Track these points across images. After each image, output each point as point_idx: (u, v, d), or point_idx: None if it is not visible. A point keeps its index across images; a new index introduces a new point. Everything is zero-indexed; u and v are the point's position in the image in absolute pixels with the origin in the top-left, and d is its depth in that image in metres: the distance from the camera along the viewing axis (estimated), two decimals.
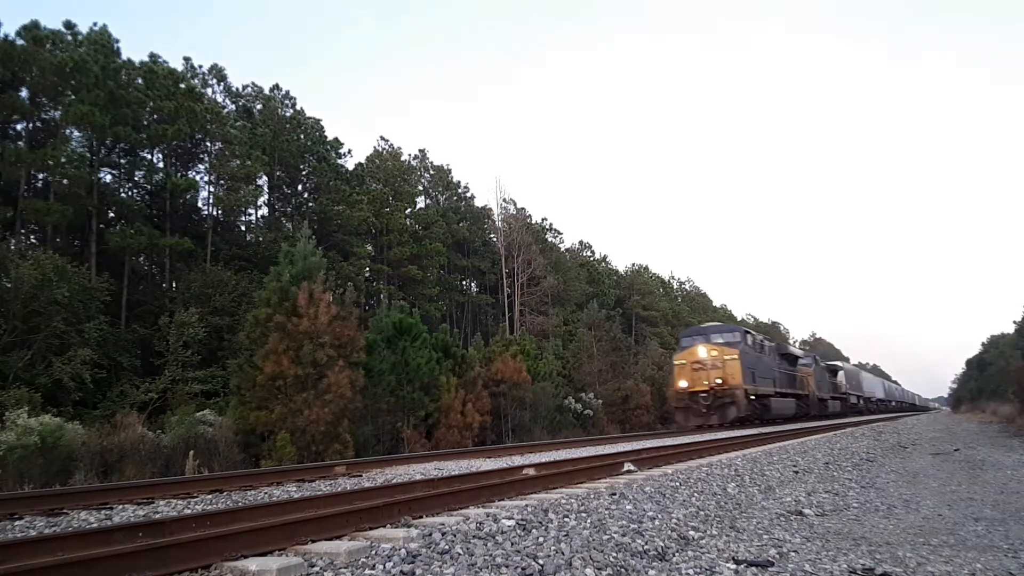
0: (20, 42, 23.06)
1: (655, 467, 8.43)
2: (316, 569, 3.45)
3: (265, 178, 32.73)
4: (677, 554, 4.03)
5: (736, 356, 23.31)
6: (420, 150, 47.59)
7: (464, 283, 44.97)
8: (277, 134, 32.66)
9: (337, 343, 15.25)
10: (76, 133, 24.82)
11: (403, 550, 3.69)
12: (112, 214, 26.11)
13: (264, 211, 35.28)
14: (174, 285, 26.63)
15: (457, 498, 5.49)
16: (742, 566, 3.74)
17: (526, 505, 5.26)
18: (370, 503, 4.94)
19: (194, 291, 23.62)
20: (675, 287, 71.83)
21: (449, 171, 46.43)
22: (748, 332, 26.19)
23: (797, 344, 72.04)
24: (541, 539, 4.09)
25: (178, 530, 4.20)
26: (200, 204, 30.58)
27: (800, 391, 30.81)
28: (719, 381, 22.78)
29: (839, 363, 47.27)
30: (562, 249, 50.56)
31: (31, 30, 23.63)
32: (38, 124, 25.76)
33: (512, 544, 3.95)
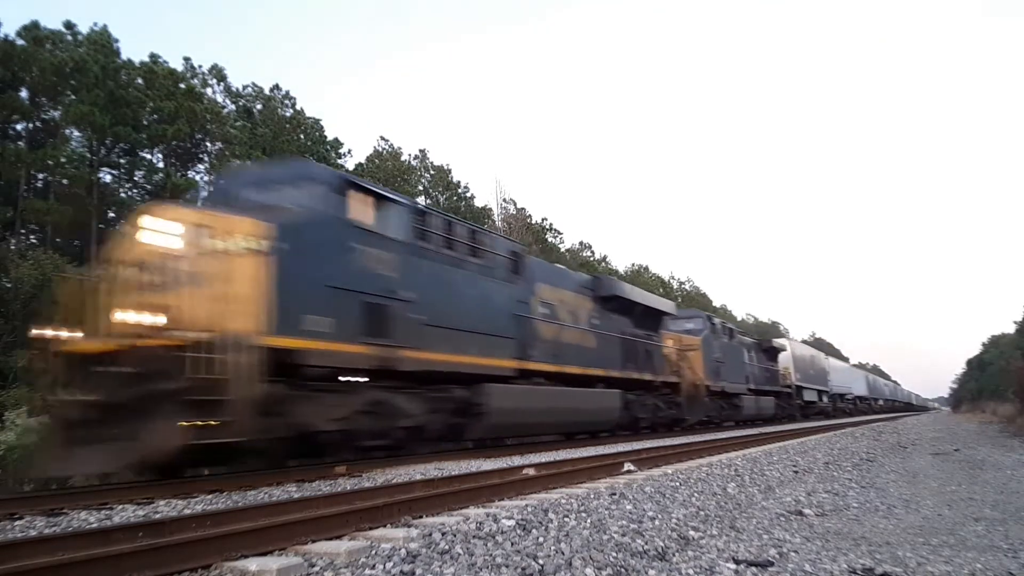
0: (20, 42, 23.06)
1: (655, 467, 8.44)
2: (316, 569, 3.45)
3: None
4: (677, 554, 4.03)
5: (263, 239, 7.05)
6: (420, 150, 47.56)
7: None
8: (277, 134, 32.67)
9: None
10: (76, 133, 24.85)
11: (403, 550, 3.69)
12: (112, 214, 26.12)
13: None
14: None
15: (457, 498, 5.49)
16: (742, 566, 3.74)
17: (526, 505, 5.26)
18: (370, 503, 4.94)
19: None
20: (675, 287, 71.84)
21: (449, 171, 46.40)
22: (391, 198, 9.46)
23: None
24: (541, 539, 4.10)
25: (178, 530, 4.19)
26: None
27: (659, 375, 16.96)
28: (153, 320, 6.61)
29: (784, 340, 33.06)
30: (562, 249, 50.56)
31: (31, 30, 23.65)
32: (38, 124, 25.78)
33: (512, 544, 3.95)
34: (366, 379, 8.61)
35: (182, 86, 28.11)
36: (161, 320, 6.73)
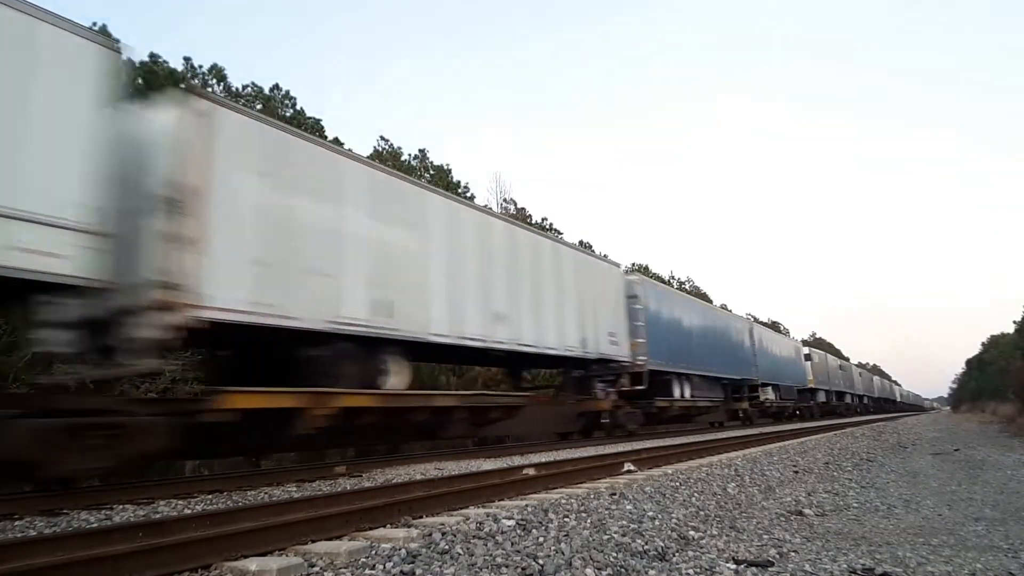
0: None
1: (655, 467, 8.44)
2: (316, 569, 3.46)
3: None
4: (677, 554, 4.03)
5: None
6: (420, 150, 47.56)
7: None
8: None
9: None
10: None
11: (403, 550, 3.69)
12: None
13: None
14: None
15: (457, 498, 5.49)
16: (742, 566, 3.74)
17: (526, 505, 5.26)
18: (370, 503, 4.94)
19: None
20: (675, 287, 71.82)
21: (449, 171, 46.41)
22: None
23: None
24: (541, 539, 4.09)
25: (178, 530, 4.19)
26: None
27: None
28: None
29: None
30: None
31: None
32: None
33: (512, 544, 3.95)
34: None
35: (182, 86, 28.12)
36: None
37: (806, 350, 37.40)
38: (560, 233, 52.99)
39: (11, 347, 16.67)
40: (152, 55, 28.46)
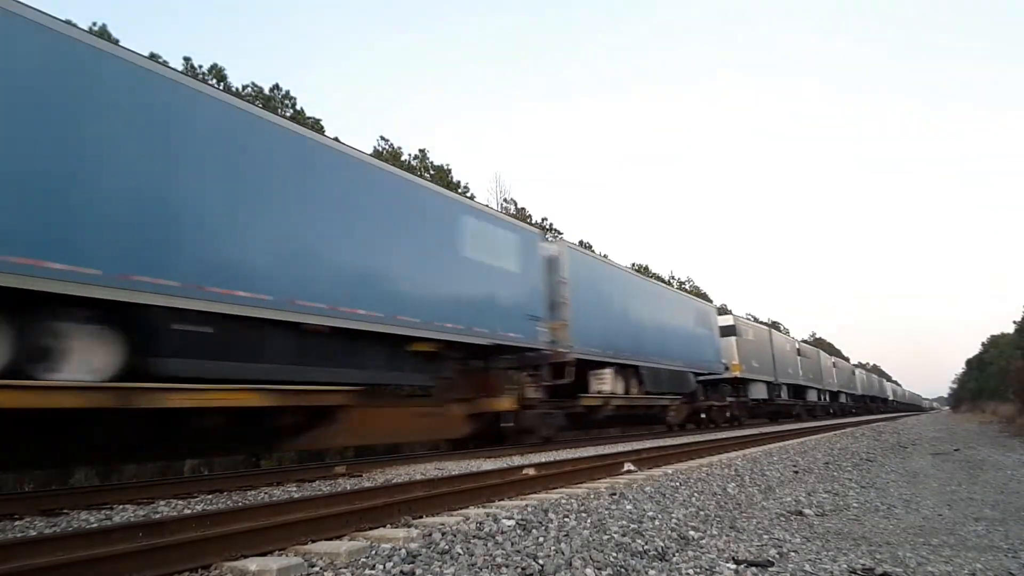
0: None
1: (655, 467, 8.44)
2: (316, 569, 3.46)
3: None
4: (677, 554, 4.03)
5: None
6: (420, 150, 47.56)
7: None
8: None
9: None
10: None
11: (403, 550, 3.69)
12: None
13: None
14: None
15: (457, 498, 5.49)
16: (742, 566, 3.74)
17: (526, 505, 5.26)
18: (370, 503, 4.94)
19: None
20: (675, 287, 71.73)
21: (449, 171, 46.37)
22: None
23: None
24: (541, 539, 4.09)
25: (178, 530, 4.20)
26: None
27: None
28: None
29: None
30: None
31: None
32: None
33: (512, 544, 3.95)
34: None
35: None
36: None
37: (727, 320, 23.64)
38: (560, 233, 52.02)
39: None
40: (152, 55, 28.46)
